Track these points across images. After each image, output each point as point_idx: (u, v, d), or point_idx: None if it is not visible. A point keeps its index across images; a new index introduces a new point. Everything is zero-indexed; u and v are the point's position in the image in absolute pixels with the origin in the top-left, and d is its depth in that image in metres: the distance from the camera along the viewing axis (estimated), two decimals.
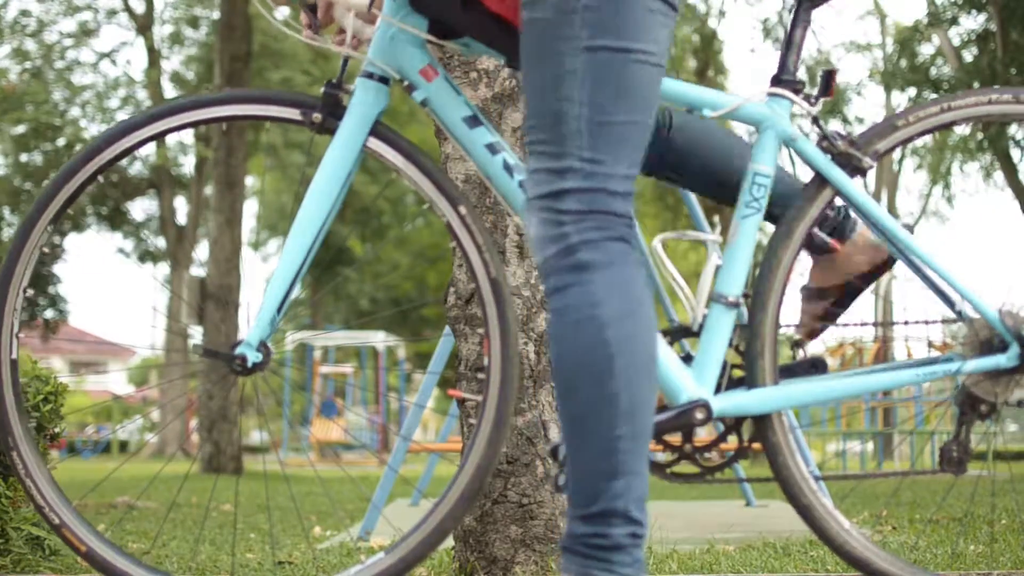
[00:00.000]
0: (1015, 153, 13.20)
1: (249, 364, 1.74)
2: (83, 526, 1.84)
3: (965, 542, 3.60)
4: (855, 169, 1.80)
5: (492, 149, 1.73)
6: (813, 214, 1.81)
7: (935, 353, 11.23)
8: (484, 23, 1.69)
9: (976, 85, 13.05)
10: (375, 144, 1.76)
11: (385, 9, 1.72)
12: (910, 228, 1.82)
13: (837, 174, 1.80)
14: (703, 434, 2.20)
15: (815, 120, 1.83)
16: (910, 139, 1.87)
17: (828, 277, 2.01)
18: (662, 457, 1.79)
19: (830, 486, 4.72)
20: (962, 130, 15.02)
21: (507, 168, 1.72)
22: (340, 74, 1.77)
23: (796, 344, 1.86)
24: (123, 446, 27.31)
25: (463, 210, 1.75)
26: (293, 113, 1.76)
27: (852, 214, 1.99)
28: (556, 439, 1.96)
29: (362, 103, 1.74)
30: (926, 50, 15.61)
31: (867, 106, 34.54)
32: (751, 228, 1.73)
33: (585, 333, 1.43)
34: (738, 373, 1.73)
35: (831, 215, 2.00)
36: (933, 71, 14.84)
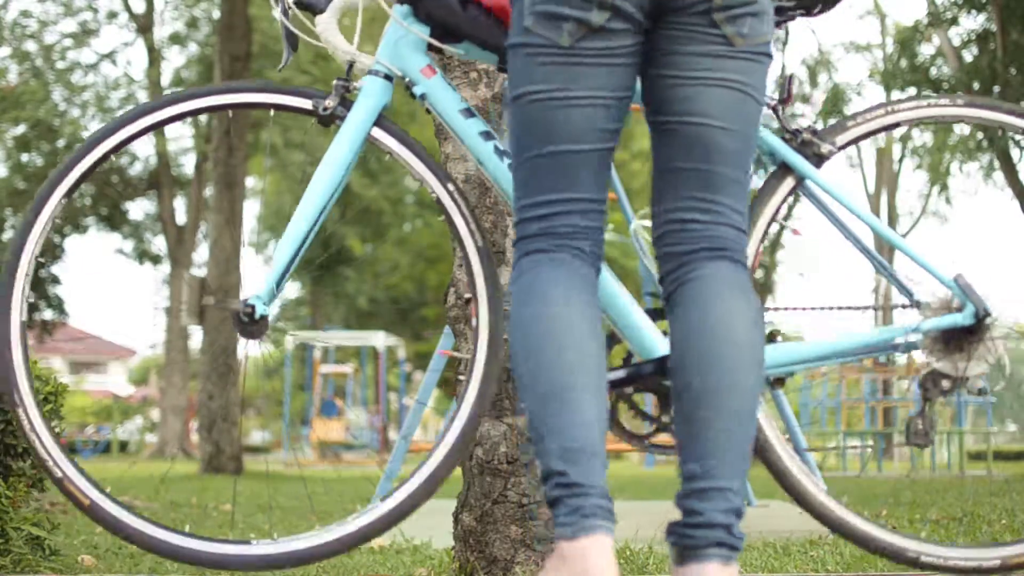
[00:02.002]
0: (1015, 153, 13.19)
1: (257, 315, 1.86)
2: (85, 480, 1.91)
3: (965, 542, 3.60)
4: (817, 157, 2.01)
5: (485, 136, 1.95)
6: (777, 199, 2.01)
7: None
8: (480, 22, 1.90)
9: (976, 85, 13.04)
10: (377, 132, 1.98)
11: (394, 14, 1.95)
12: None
13: (799, 161, 2.01)
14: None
15: (777, 115, 2.01)
16: (860, 137, 2.08)
17: None
18: (639, 428, 1.91)
19: (830, 484, 4.72)
20: (962, 130, 15.02)
21: (498, 152, 1.94)
22: (347, 71, 1.99)
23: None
24: (123, 446, 27.31)
25: (451, 187, 1.97)
26: (305, 103, 1.97)
27: None
28: None
29: (369, 96, 1.96)
30: (926, 50, 15.62)
31: (867, 106, 34.49)
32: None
33: (509, 331, 1.68)
34: None
35: None
36: (933, 71, 14.84)
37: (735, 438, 1.58)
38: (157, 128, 1.97)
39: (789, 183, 2.02)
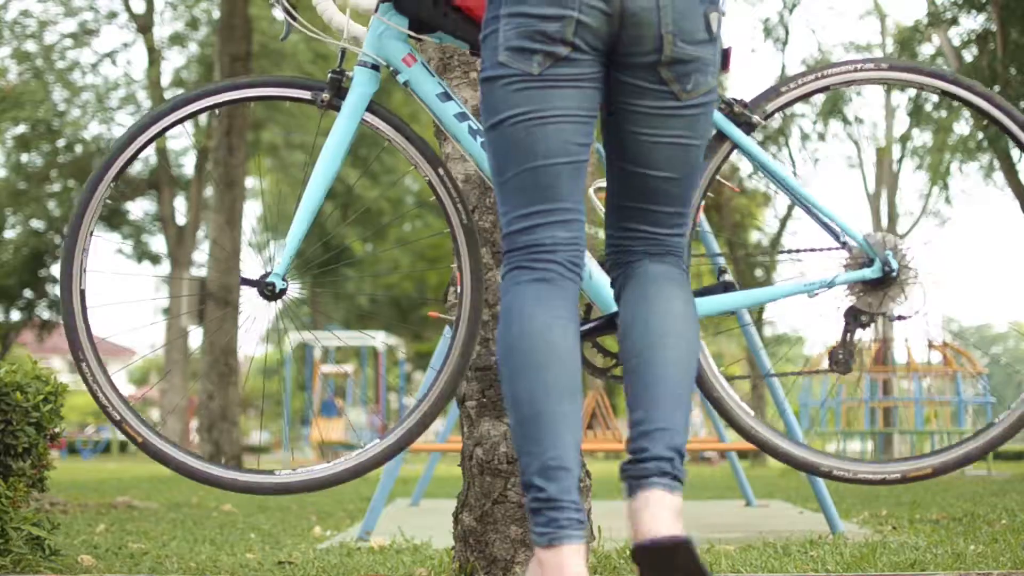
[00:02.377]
0: (1015, 153, 13.18)
1: (277, 289, 2.19)
2: (139, 421, 2.22)
3: (965, 542, 3.60)
4: (748, 126, 2.27)
5: (460, 117, 2.22)
6: (716, 163, 2.28)
7: (935, 352, 11.06)
8: (451, 16, 2.16)
9: None
10: (370, 117, 2.24)
11: (378, 11, 2.20)
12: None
13: (734, 130, 2.26)
14: None
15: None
16: (792, 102, 2.29)
17: None
18: (601, 362, 2.24)
19: (830, 484, 4.72)
20: (961, 129, 15.02)
21: (472, 132, 2.22)
22: (339, 62, 2.24)
23: (720, 271, 2.33)
24: (123, 446, 27.29)
25: (441, 171, 2.23)
26: (305, 94, 2.24)
27: None
28: None
29: (360, 84, 2.21)
30: (926, 50, 15.61)
31: (867, 106, 34.46)
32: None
33: (496, 351, 1.87)
34: None
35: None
36: None
37: (676, 391, 1.83)
38: (190, 118, 2.24)
39: (726, 147, 2.28)
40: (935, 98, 14.88)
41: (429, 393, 2.30)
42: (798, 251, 2.30)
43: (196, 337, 19.89)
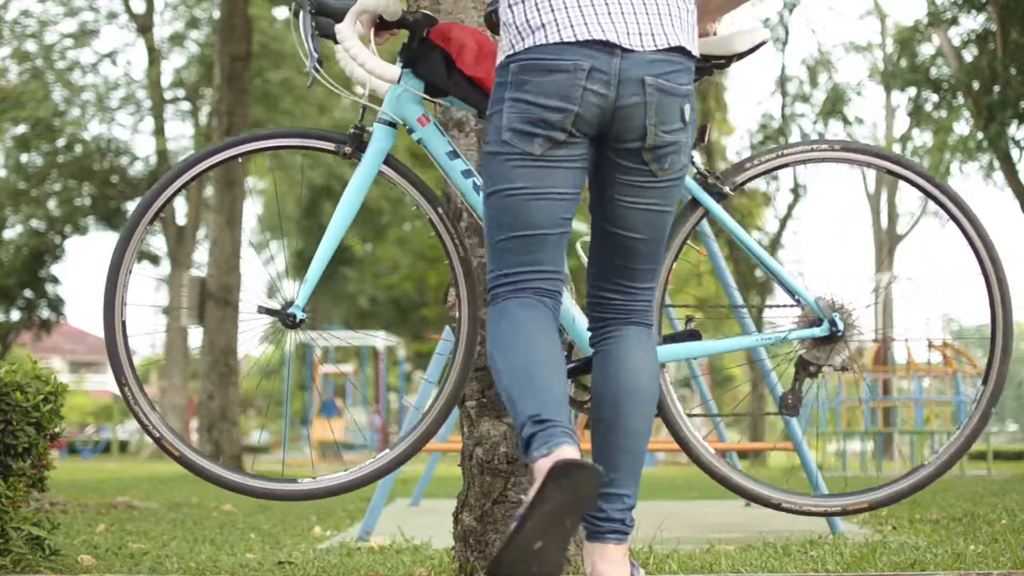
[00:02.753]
0: (1015, 153, 13.17)
1: (297, 320, 2.42)
2: (175, 438, 2.44)
3: (965, 542, 3.60)
4: (719, 195, 2.54)
5: (466, 174, 2.48)
6: (688, 228, 2.54)
7: (935, 352, 11.06)
8: (462, 84, 2.42)
9: (976, 85, 13.03)
10: (385, 169, 2.50)
11: (399, 80, 2.45)
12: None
13: (707, 198, 2.54)
14: None
15: (691, 161, 2.43)
16: (755, 176, 2.59)
17: None
18: (579, 397, 2.50)
19: (830, 484, 4.72)
20: (961, 129, 15.01)
21: (475, 188, 2.46)
22: (360, 118, 2.48)
23: (688, 319, 2.59)
24: (123, 446, 27.28)
25: (440, 210, 2.51)
26: (329, 146, 2.48)
27: None
28: None
29: (379, 140, 2.47)
30: (926, 50, 15.59)
31: (867, 106, 34.44)
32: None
33: (487, 347, 2.16)
34: None
35: None
36: (933, 71, 14.80)
37: (632, 458, 2.16)
38: (218, 166, 2.50)
39: (699, 214, 2.54)
40: (935, 98, 14.89)
41: (436, 403, 2.54)
42: (760, 307, 2.60)
43: (196, 337, 19.89)
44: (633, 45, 2.08)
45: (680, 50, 2.12)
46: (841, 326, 2.50)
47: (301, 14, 2.46)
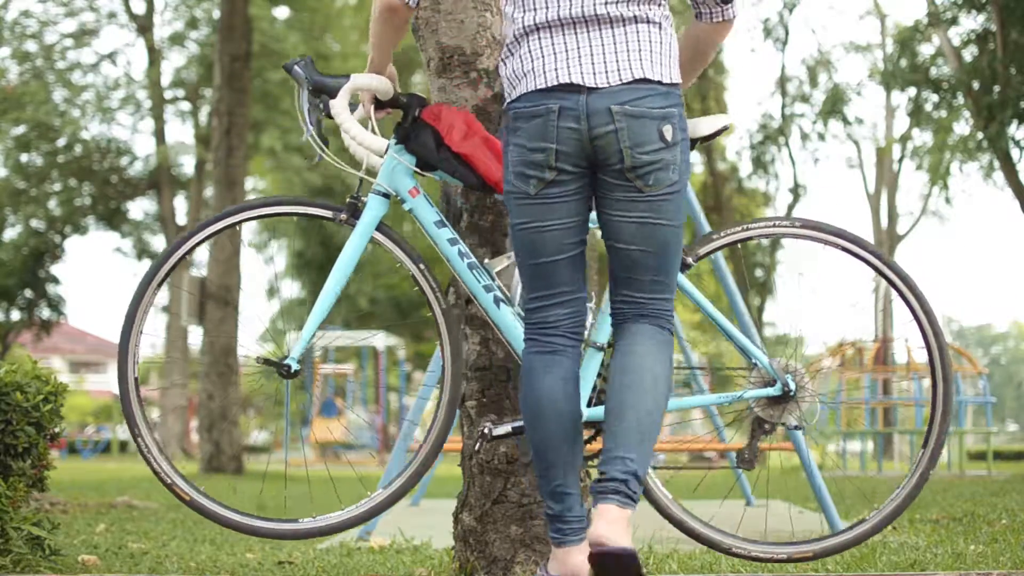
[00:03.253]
0: (1015, 153, 13.16)
1: (292, 370, 2.59)
2: (186, 483, 2.59)
3: (965, 542, 3.60)
4: (683, 265, 2.70)
5: (451, 242, 2.66)
6: None
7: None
8: (450, 160, 2.62)
9: (976, 85, 13.03)
10: (378, 235, 2.68)
11: (390, 151, 2.65)
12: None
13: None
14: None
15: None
16: (721, 247, 2.78)
17: None
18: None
19: (831, 485, 4.72)
20: (961, 129, 15.00)
21: (461, 255, 2.65)
22: (357, 190, 2.67)
23: None
24: (123, 446, 27.26)
25: (421, 266, 2.69)
26: (328, 213, 2.68)
27: None
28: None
29: (372, 209, 2.66)
30: (926, 50, 15.58)
31: (867, 106, 34.41)
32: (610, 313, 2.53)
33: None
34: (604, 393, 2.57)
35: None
36: (933, 71, 14.80)
37: (632, 428, 2.31)
38: (228, 229, 2.67)
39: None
40: (935, 98, 14.88)
41: (422, 446, 2.68)
42: (719, 369, 2.94)
43: (196, 337, 19.89)
44: (599, 83, 2.33)
45: (646, 81, 2.33)
46: (793, 386, 2.67)
47: (299, 90, 2.66)
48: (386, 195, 2.67)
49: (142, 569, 3.29)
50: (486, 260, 2.73)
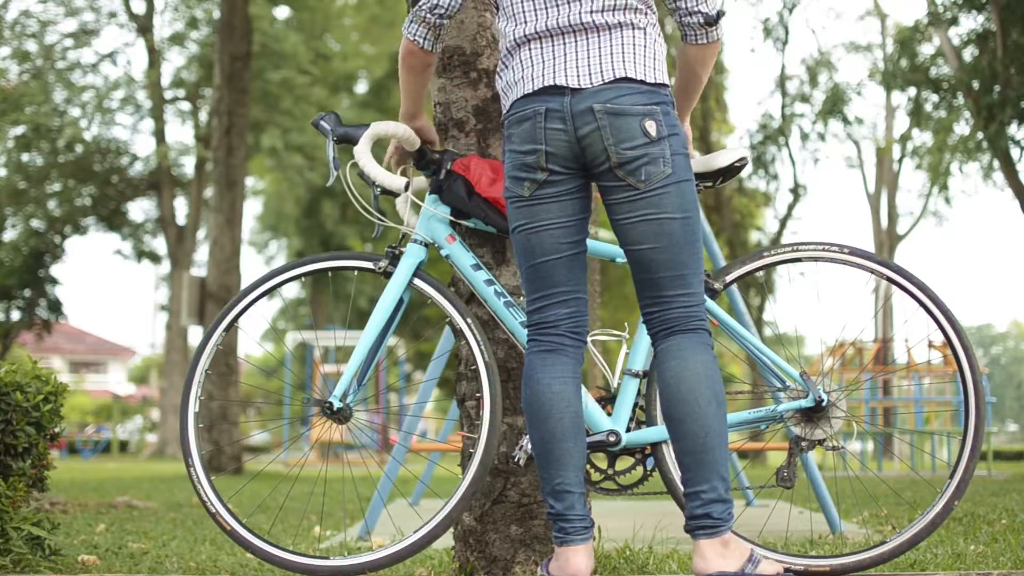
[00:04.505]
0: (1015, 153, 13.16)
1: (334, 408, 2.72)
2: (228, 514, 2.72)
3: (965, 542, 3.60)
4: (711, 291, 2.77)
5: (488, 283, 2.73)
6: None
7: (935, 352, 11.07)
8: (481, 206, 2.73)
9: (976, 85, 13.03)
10: (417, 282, 2.77)
11: (427, 203, 2.79)
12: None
13: None
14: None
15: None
16: (746, 274, 2.82)
17: None
18: (594, 476, 2.70)
19: (830, 484, 4.73)
20: (961, 129, 15.00)
21: (498, 294, 2.72)
22: (400, 241, 2.80)
23: None
24: (123, 446, 27.26)
25: (469, 320, 2.72)
26: (369, 264, 2.80)
27: None
28: None
29: (411, 256, 2.78)
30: (926, 50, 15.58)
31: (867, 106, 34.39)
32: (646, 330, 2.57)
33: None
34: (641, 416, 2.68)
35: None
36: (933, 71, 14.79)
37: (694, 457, 2.35)
38: (277, 287, 2.82)
39: None
40: (935, 98, 14.88)
41: (455, 497, 2.66)
42: (753, 388, 2.94)
43: (196, 337, 19.87)
44: (582, 84, 2.38)
45: (627, 80, 2.38)
46: (825, 398, 2.69)
47: (328, 142, 2.79)
48: (424, 244, 2.79)
49: (142, 569, 3.29)
50: (521, 298, 2.78)
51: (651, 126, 2.37)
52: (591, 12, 2.40)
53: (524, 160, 2.43)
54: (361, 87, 26.52)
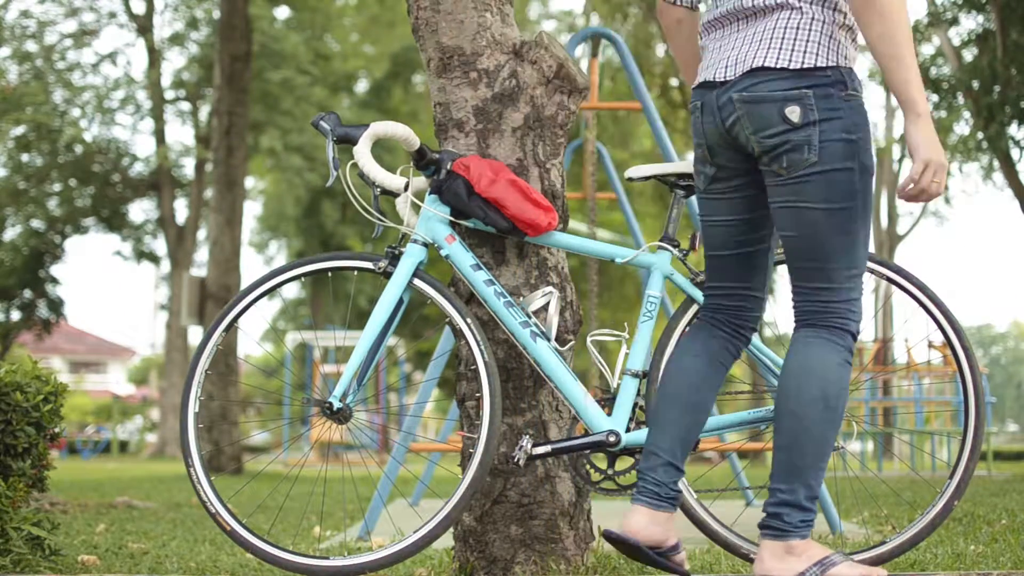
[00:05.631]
0: (1015, 153, 13.16)
1: (334, 408, 2.71)
2: (229, 515, 2.72)
3: (965, 542, 3.60)
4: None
5: (488, 283, 2.72)
6: (686, 319, 2.73)
7: (935, 352, 11.08)
8: (480, 206, 2.73)
9: (976, 85, 13.03)
10: (416, 282, 2.76)
11: (427, 203, 2.78)
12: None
13: (698, 294, 2.73)
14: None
15: (685, 263, 2.75)
16: None
17: None
18: (594, 476, 2.70)
19: (830, 484, 4.73)
20: (961, 129, 15.00)
21: (497, 294, 2.71)
22: (399, 241, 2.79)
23: None
24: (123, 446, 27.26)
25: (469, 320, 2.71)
26: (368, 264, 2.79)
27: None
28: (555, 438, 2.70)
29: (410, 256, 2.77)
30: (926, 50, 15.58)
31: (867, 106, 34.38)
32: (647, 329, 2.70)
33: None
34: (641, 417, 2.69)
35: None
36: (933, 71, 14.79)
37: (782, 455, 2.35)
38: (277, 288, 2.83)
39: (693, 308, 2.74)
40: (935, 98, 14.88)
41: (455, 497, 2.64)
42: (753, 388, 3.07)
43: (196, 336, 19.87)
44: (728, 77, 2.39)
45: (765, 69, 2.34)
46: None
47: (328, 142, 2.78)
48: (424, 244, 2.79)
49: (142, 569, 3.29)
50: (521, 298, 2.79)
51: (794, 112, 2.31)
52: None
53: (696, 153, 2.54)
54: (361, 87, 26.53)
